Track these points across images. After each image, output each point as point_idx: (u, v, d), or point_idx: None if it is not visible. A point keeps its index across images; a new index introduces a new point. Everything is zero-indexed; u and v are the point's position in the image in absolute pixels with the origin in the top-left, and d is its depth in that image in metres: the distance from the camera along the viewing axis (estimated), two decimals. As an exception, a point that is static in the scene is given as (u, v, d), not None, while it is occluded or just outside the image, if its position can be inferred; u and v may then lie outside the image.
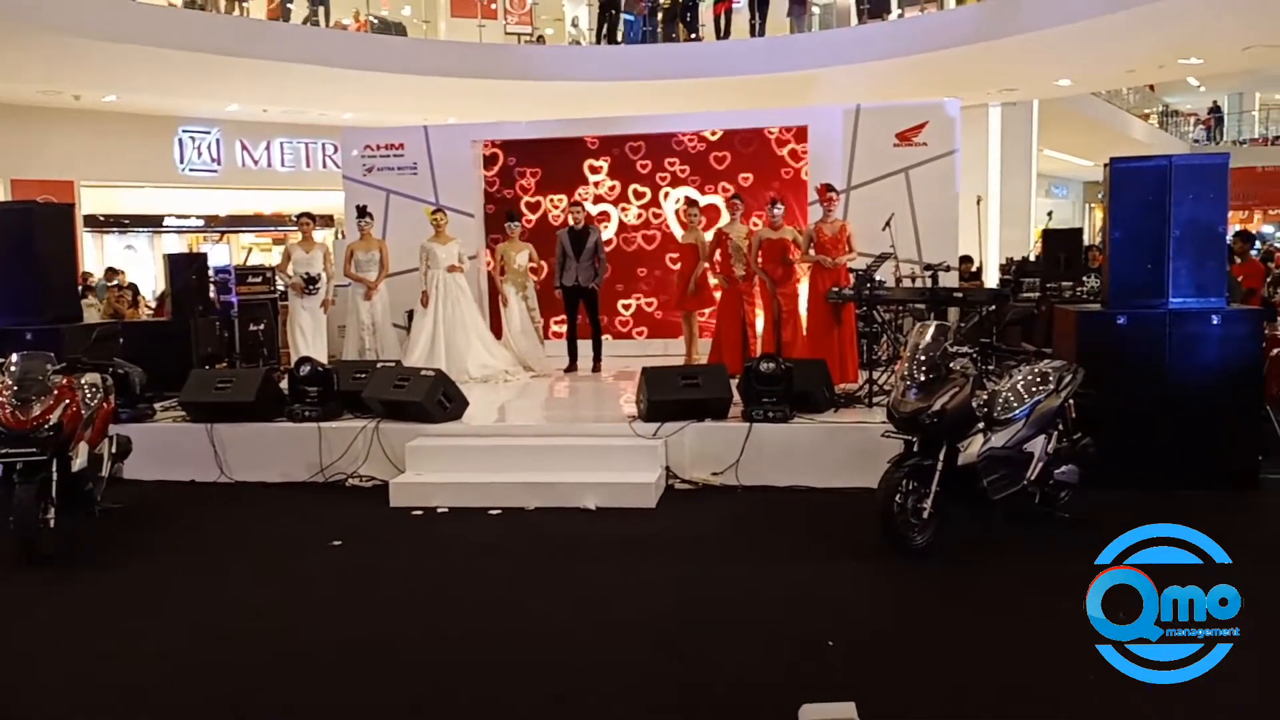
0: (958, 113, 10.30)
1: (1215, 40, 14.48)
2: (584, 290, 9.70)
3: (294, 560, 5.72)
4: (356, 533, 6.15)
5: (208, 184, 19.58)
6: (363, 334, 9.48)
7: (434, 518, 6.47)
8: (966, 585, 5.04)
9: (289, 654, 4.40)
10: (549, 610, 4.84)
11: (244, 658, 4.38)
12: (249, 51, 14.11)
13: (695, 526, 6.15)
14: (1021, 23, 13.65)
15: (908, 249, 9.47)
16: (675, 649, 4.34)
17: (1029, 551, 5.49)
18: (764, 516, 6.29)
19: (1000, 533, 5.64)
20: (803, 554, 5.58)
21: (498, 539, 6.05)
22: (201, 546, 6.05)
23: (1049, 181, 29.45)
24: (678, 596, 4.97)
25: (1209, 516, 5.93)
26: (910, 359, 5.48)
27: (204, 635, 4.65)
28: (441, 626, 4.68)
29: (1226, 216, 6.95)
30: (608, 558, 5.63)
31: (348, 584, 5.31)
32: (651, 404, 7.09)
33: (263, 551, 5.93)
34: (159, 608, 5.04)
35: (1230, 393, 6.55)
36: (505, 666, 4.22)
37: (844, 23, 17.14)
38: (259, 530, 6.39)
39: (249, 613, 4.92)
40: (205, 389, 7.72)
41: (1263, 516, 6.16)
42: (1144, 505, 6.09)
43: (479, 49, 16.73)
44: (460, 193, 10.90)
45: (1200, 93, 31.09)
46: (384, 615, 4.84)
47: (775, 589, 5.04)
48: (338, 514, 6.58)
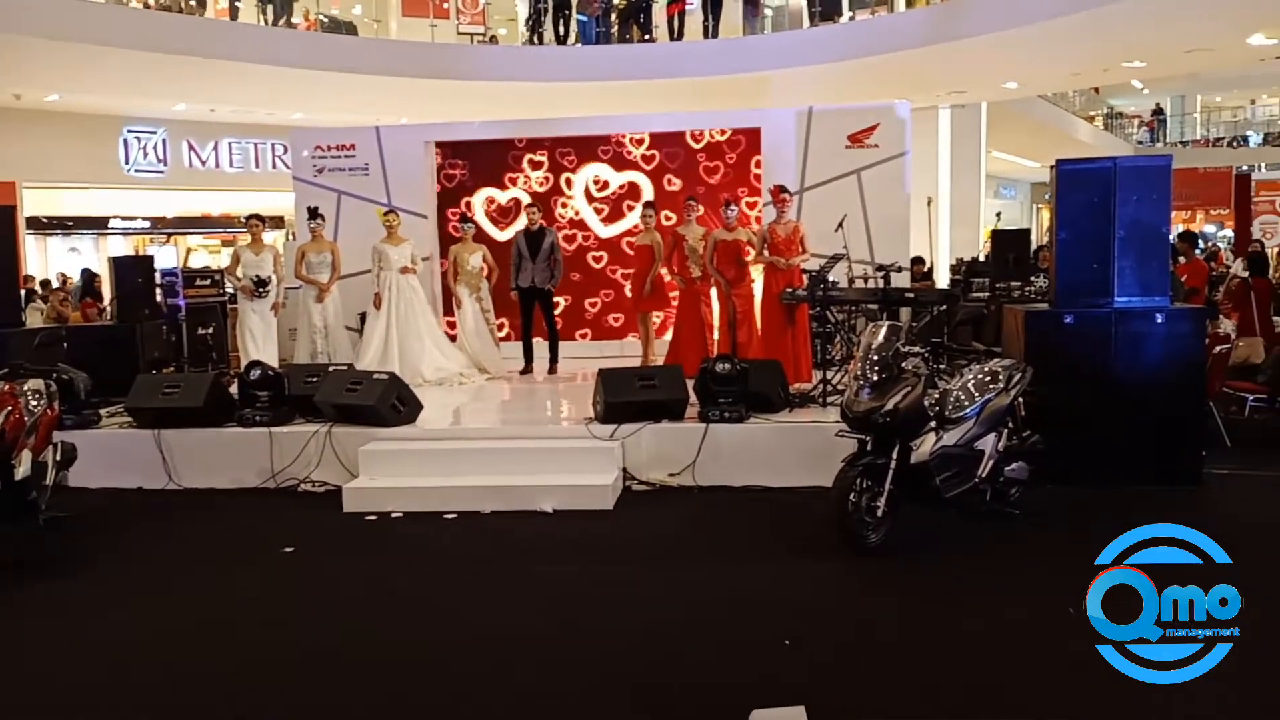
0: (908, 115, 10.42)
1: (1157, 44, 14.80)
2: (540, 292, 9.67)
3: (245, 568, 5.63)
4: (309, 539, 6.07)
5: (154, 185, 19.23)
6: (314, 337, 9.36)
7: (388, 523, 6.41)
8: (922, 583, 5.09)
9: (241, 663, 4.33)
10: (506, 614, 4.81)
11: (195, 667, 4.30)
12: (197, 50, 13.89)
13: (652, 528, 6.16)
14: (969, 26, 13.86)
15: (860, 250, 9.56)
16: (632, 651, 4.34)
17: (982, 548, 5.57)
18: (720, 517, 6.32)
19: (953, 530, 5.71)
20: (759, 554, 5.60)
21: (454, 543, 6.01)
22: (150, 555, 5.94)
23: (997, 182, 29.91)
24: (635, 598, 4.97)
25: (1154, 511, 6.10)
26: (863, 359, 5.53)
27: (153, 645, 4.56)
28: (397, 632, 4.63)
29: (1169, 217, 7.10)
30: (565, 561, 5.61)
31: (301, 591, 5.24)
32: (608, 405, 7.09)
33: (213, 559, 5.82)
34: (106, 618, 4.93)
35: (1174, 390, 6.69)
36: (462, 671, 4.19)
37: (796, 25, 17.28)
38: (209, 538, 6.27)
39: (199, 622, 4.83)
40: (152, 394, 7.57)
41: (1207, 511, 6.30)
42: (1091, 501, 6.27)
43: (431, 49, 16.62)
44: (413, 194, 10.81)
45: (1144, 95, 31.78)
46: (338, 622, 4.78)
47: (732, 589, 5.06)
48: (290, 520, 6.49)
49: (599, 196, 11.36)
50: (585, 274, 11.33)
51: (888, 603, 4.87)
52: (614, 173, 11.28)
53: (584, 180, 11.36)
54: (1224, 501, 6.45)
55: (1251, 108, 33.64)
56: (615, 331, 11.32)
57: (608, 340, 11.21)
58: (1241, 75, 27.02)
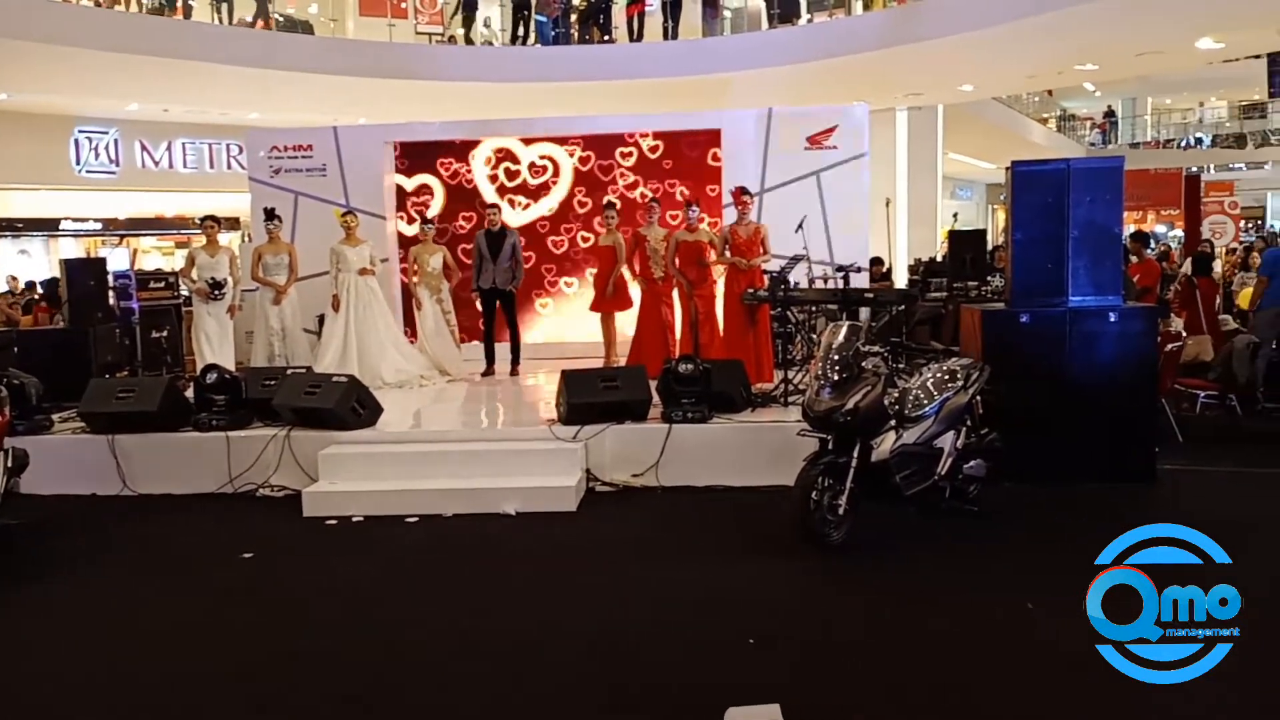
0: (866, 116, 10.52)
1: (1109, 47, 15.07)
2: (501, 293, 9.63)
3: (203, 574, 5.54)
4: (269, 544, 5.99)
5: (106, 186, 18.89)
6: (271, 340, 9.25)
7: (349, 527, 6.35)
8: (884, 580, 5.13)
9: (197, 672, 4.26)
10: (470, 617, 4.79)
11: (150, 676, 4.24)
12: (149, 49, 13.66)
13: (616, 529, 6.15)
14: (925, 30, 14.02)
15: (820, 251, 9.62)
16: (599, 652, 4.33)
17: (941, 545, 5.62)
18: (684, 517, 6.32)
19: (913, 527, 5.77)
20: (723, 553, 5.62)
21: (416, 547, 5.96)
22: (104, 562, 5.83)
23: (954, 183, 30.28)
24: (601, 599, 4.96)
25: (1110, 507, 6.23)
26: (824, 359, 5.57)
27: (108, 655, 4.48)
28: (360, 637, 4.58)
29: (1122, 218, 7.23)
30: (529, 563, 5.59)
31: (260, 597, 5.17)
32: (571, 407, 7.07)
33: (169, 566, 5.72)
34: (60, 627, 4.85)
35: (1128, 388, 6.80)
36: (426, 676, 4.16)
37: (755, 27, 17.38)
38: (165, 544, 6.17)
39: (156, 630, 4.76)
40: (106, 399, 7.44)
41: (1159, 506, 6.41)
42: (1048, 497, 6.37)
43: (389, 49, 16.49)
44: (371, 195, 10.72)
45: (1096, 98, 32.35)
46: (298, 628, 4.73)
47: (697, 589, 5.07)
48: (248, 526, 6.40)
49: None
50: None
51: (851, 600, 4.90)
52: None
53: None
54: (1178, 497, 6.56)
55: (1200, 110, 34.38)
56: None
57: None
58: (1190, 78, 27.62)
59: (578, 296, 11.10)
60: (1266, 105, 29.04)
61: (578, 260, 11.22)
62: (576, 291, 11.20)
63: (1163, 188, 23.18)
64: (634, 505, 6.60)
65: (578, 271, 11.22)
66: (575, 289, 11.26)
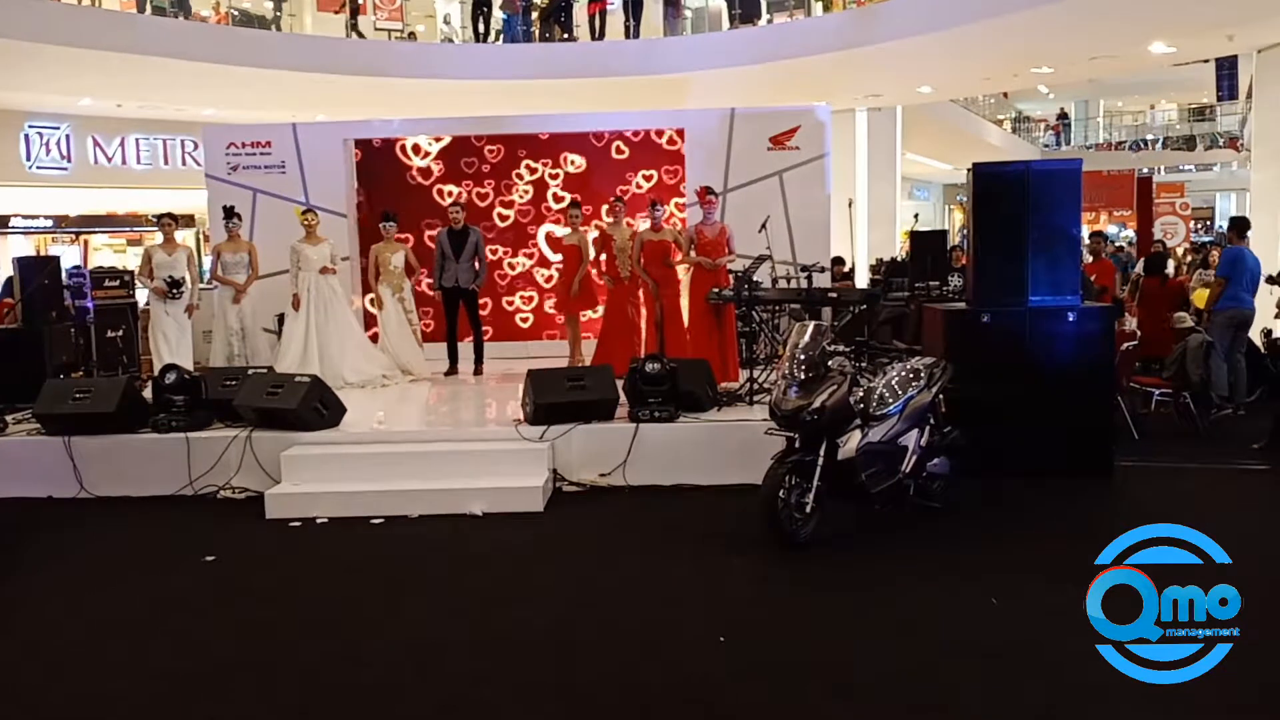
0: (828, 117, 10.60)
1: (1063, 50, 15.30)
2: (464, 292, 9.58)
3: (162, 578, 5.45)
4: (230, 547, 5.91)
5: (57, 182, 18.47)
6: (231, 339, 9.13)
7: (313, 529, 6.28)
8: (851, 576, 5.18)
9: (156, 678, 4.20)
10: (435, 619, 4.76)
11: (108, 683, 4.16)
12: (103, 43, 13.39)
13: (584, 529, 6.15)
14: (882, 32, 14.17)
15: (783, 251, 9.70)
16: (566, 653, 4.33)
17: (907, 541, 5.68)
18: (652, 516, 6.34)
19: (879, 523, 5.83)
20: (691, 551, 5.64)
21: (380, 549, 5.91)
22: (61, 567, 5.72)
23: (912, 184, 30.60)
24: (567, 599, 4.96)
25: (1065, 501, 6.35)
26: (790, 358, 5.62)
27: (65, 661, 4.40)
28: (324, 640, 4.54)
29: (1080, 219, 7.36)
30: (495, 564, 5.57)
31: (222, 601, 5.10)
32: (538, 406, 7.06)
33: (128, 570, 5.62)
34: (14, 632, 4.75)
35: (1085, 384, 6.93)
36: (391, 678, 4.13)
37: (717, 27, 17.43)
38: (124, 548, 6.07)
39: (114, 635, 4.68)
40: (61, 400, 7.29)
41: (1115, 500, 6.55)
42: (1009, 493, 6.48)
43: (347, 45, 16.32)
44: (331, 192, 10.61)
45: (1050, 100, 32.86)
46: (261, 632, 4.67)
47: (665, 588, 5.09)
48: (209, 528, 6.31)
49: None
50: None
51: (819, 596, 4.95)
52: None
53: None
54: (1132, 491, 6.71)
55: (1152, 112, 35.02)
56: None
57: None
58: (1142, 81, 28.14)
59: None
60: (1215, 108, 29.63)
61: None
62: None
63: (1115, 189, 23.62)
64: (601, 505, 6.60)
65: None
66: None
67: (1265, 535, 5.82)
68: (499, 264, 11.25)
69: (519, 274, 11.39)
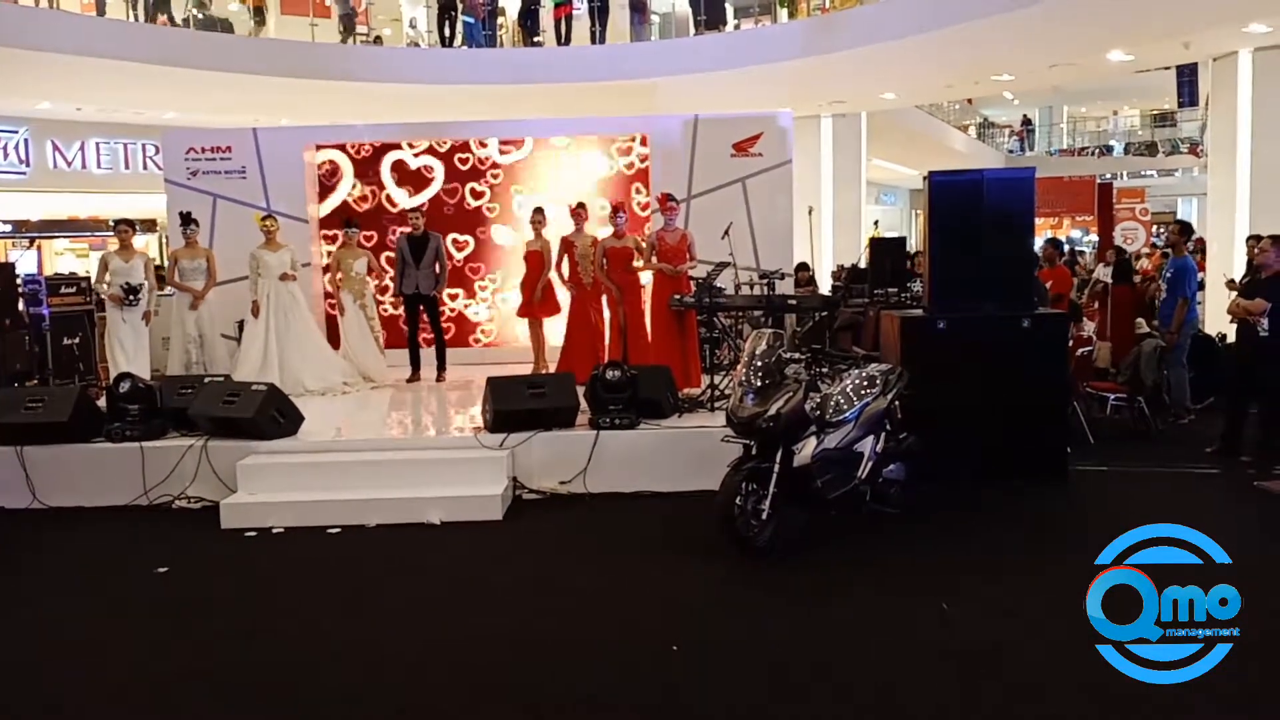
0: (791, 124, 10.66)
1: (1024, 59, 15.48)
2: (424, 298, 9.55)
3: (115, 590, 5.39)
4: (184, 558, 5.85)
5: (15, 187, 18.20)
6: (189, 347, 9.03)
7: (269, 539, 6.23)
8: (807, 581, 5.20)
9: (108, 690, 4.15)
10: (391, 629, 4.74)
11: (59, 695, 4.11)
12: (62, 46, 13.21)
13: (543, 537, 6.14)
14: (846, 39, 14.30)
15: (746, 257, 9.73)
16: (523, 662, 4.32)
17: (863, 547, 5.72)
18: (612, 523, 6.34)
19: (835, 529, 5.87)
20: (650, 558, 5.65)
21: (338, 558, 5.87)
22: (12, 578, 5.63)
23: (878, 189, 30.79)
24: (525, 608, 4.95)
25: (1020, 506, 6.42)
26: (747, 365, 5.64)
27: (12, 673, 4.34)
28: (278, 652, 4.51)
29: (1033, 226, 7.45)
30: (453, 573, 5.55)
31: (175, 613, 5.04)
32: (497, 414, 7.04)
33: (80, 581, 5.55)
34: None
35: (1041, 390, 7.01)
36: (347, 688, 4.11)
37: (683, 32, 17.48)
38: (76, 559, 5.98)
39: (65, 647, 4.62)
40: (14, 408, 7.18)
41: (1070, 502, 6.62)
42: (965, 498, 6.54)
43: (311, 48, 16.21)
44: (292, 198, 10.54)
45: (1015, 106, 33.19)
46: (215, 644, 4.62)
47: (623, 595, 5.09)
48: (164, 539, 6.24)
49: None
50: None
51: (774, 601, 4.97)
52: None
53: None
54: (1088, 496, 6.78)
55: (1114, 119, 35.48)
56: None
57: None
58: (1104, 88, 28.51)
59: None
60: (1176, 114, 30.09)
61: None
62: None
63: (1077, 194, 23.92)
64: (561, 513, 6.59)
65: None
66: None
67: (1218, 539, 5.90)
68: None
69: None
